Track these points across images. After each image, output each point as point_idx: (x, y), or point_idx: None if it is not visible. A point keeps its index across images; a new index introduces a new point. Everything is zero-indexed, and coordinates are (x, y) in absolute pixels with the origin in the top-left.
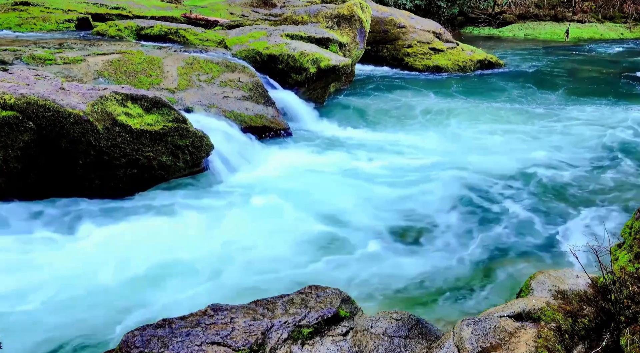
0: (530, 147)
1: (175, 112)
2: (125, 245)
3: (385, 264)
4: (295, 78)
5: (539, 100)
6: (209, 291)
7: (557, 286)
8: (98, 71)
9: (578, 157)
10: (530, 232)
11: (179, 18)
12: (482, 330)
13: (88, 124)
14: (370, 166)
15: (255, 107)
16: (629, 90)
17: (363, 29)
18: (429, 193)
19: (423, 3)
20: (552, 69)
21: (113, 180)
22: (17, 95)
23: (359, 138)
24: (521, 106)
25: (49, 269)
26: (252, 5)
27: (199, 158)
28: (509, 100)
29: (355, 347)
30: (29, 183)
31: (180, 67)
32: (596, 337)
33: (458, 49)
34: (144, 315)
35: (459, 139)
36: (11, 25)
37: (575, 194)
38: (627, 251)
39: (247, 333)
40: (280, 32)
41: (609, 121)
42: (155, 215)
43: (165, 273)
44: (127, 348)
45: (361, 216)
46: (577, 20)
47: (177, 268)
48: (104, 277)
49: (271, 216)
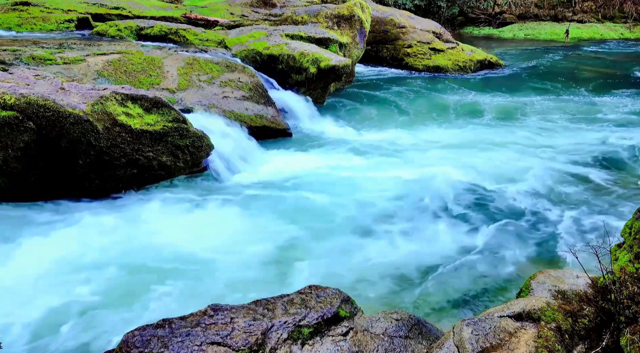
0: (530, 147)
1: (175, 112)
2: (125, 244)
3: (384, 263)
4: (295, 78)
5: (539, 100)
6: (208, 289)
7: (557, 286)
8: (98, 71)
9: (578, 157)
10: (530, 232)
11: (179, 18)
12: (482, 330)
13: (88, 124)
14: (370, 165)
15: (255, 108)
16: (629, 90)
17: (363, 29)
18: (429, 193)
19: (423, 3)
20: (552, 69)
21: (113, 180)
22: (17, 95)
23: (358, 138)
24: (521, 105)
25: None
26: (252, 5)
27: (199, 158)
28: (508, 100)
29: (355, 347)
30: (29, 183)
31: (180, 67)
32: (596, 337)
33: (458, 49)
34: (146, 317)
35: (458, 139)
36: (11, 25)
37: (575, 194)
38: (627, 251)
39: (247, 333)
40: (280, 32)
41: (609, 121)
42: (156, 215)
43: (164, 274)
44: (127, 348)
45: (360, 216)
46: (577, 20)
47: (176, 268)
48: (102, 277)
49: (271, 216)
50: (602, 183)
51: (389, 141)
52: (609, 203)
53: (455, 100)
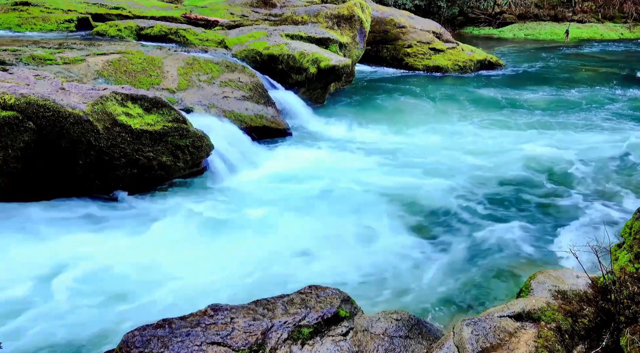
0: (530, 147)
1: (175, 112)
2: (125, 245)
3: (382, 262)
4: (295, 78)
5: (538, 99)
6: (208, 289)
7: (557, 286)
8: (98, 71)
9: (578, 157)
10: (530, 232)
11: (179, 18)
12: (482, 330)
13: (88, 124)
14: (369, 165)
15: (255, 108)
16: (629, 90)
17: (363, 29)
18: (428, 192)
19: (423, 3)
20: (552, 70)
21: (113, 180)
22: (17, 95)
23: (358, 137)
24: (521, 105)
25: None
26: (252, 5)
27: (199, 158)
28: (508, 100)
29: (355, 347)
30: (29, 183)
31: (180, 68)
32: (596, 337)
33: (458, 49)
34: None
35: (459, 139)
36: (11, 25)
37: (575, 193)
38: (627, 251)
39: (247, 333)
40: (280, 32)
41: (609, 120)
42: (155, 215)
43: (166, 272)
44: (127, 348)
45: (360, 216)
46: (577, 21)
47: (177, 268)
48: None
49: (271, 216)
50: (602, 183)
51: (389, 140)
52: (609, 203)
53: (455, 100)
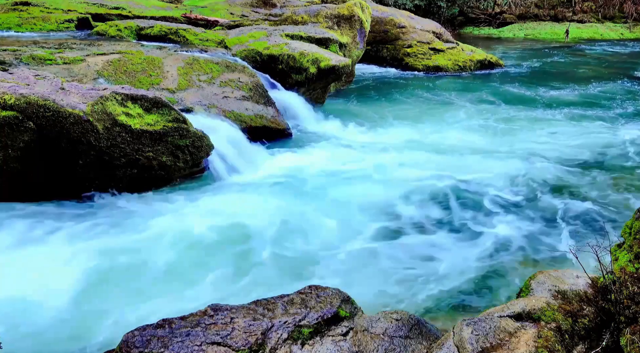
0: (529, 147)
1: (175, 112)
2: (125, 245)
3: (382, 261)
4: (295, 78)
5: (538, 99)
6: (208, 289)
7: (557, 286)
8: (98, 71)
9: (578, 157)
10: (530, 232)
11: (179, 18)
12: (482, 330)
13: (88, 124)
14: (369, 165)
15: (255, 108)
16: (628, 90)
17: (363, 29)
18: (428, 192)
19: (423, 3)
20: (552, 69)
21: (113, 180)
22: (17, 95)
23: (358, 138)
24: (520, 105)
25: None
26: (252, 5)
27: (199, 158)
28: (508, 100)
29: (355, 347)
30: (28, 183)
31: (180, 67)
32: (596, 337)
33: (458, 49)
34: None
35: (459, 139)
36: (11, 25)
37: (575, 193)
38: (627, 251)
39: (247, 333)
40: (280, 32)
41: (610, 120)
42: (155, 215)
43: (165, 273)
44: (127, 348)
45: (359, 215)
46: (577, 20)
47: (177, 268)
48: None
49: (271, 216)
50: (602, 183)
51: (389, 140)
52: (609, 203)
53: (455, 100)
